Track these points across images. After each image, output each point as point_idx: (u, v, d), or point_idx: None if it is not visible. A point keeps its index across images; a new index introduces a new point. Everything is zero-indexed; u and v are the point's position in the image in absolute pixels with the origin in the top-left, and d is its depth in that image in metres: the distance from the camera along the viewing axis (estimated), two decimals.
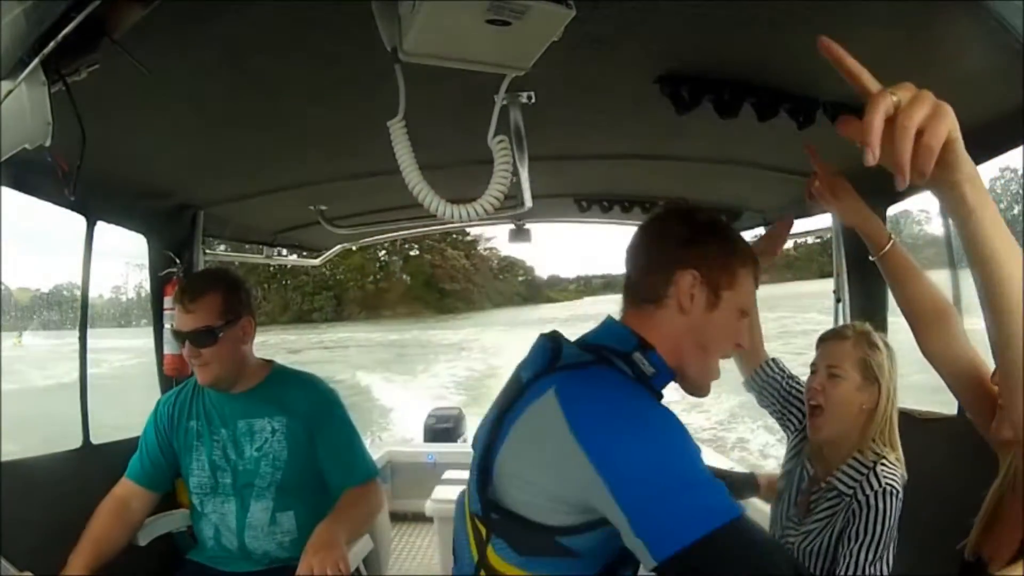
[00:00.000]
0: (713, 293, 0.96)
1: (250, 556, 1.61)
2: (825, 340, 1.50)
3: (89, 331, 1.87)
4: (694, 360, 0.97)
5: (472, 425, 5.52)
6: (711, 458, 3.50)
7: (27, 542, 1.33)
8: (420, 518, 2.84)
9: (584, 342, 0.98)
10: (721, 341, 0.98)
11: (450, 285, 59.90)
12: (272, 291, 55.63)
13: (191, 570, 1.64)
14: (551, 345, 0.96)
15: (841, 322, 2.24)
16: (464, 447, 4.66)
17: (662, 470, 0.79)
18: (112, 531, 1.56)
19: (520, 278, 74.02)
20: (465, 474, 1.06)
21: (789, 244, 2.07)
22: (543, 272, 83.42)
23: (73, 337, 1.87)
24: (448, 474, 3.07)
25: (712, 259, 0.97)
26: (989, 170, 1.54)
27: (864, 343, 1.44)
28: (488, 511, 0.91)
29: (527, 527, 0.86)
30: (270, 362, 1.74)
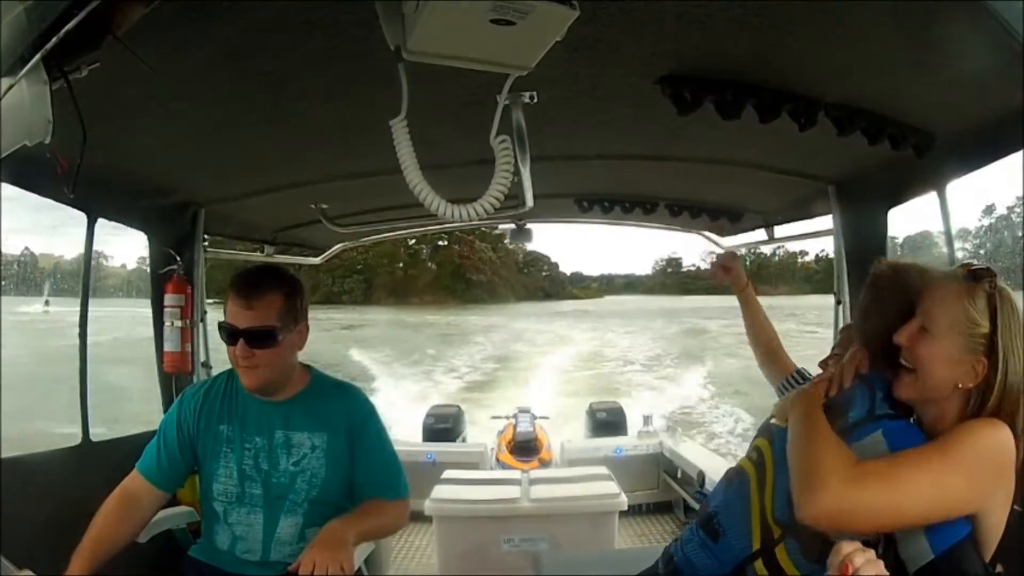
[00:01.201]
0: None
1: (269, 565, 1.56)
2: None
3: (117, 300, 1.84)
4: None
5: (472, 425, 5.54)
6: None
7: (26, 540, 1.33)
8: (420, 518, 2.83)
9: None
10: None
11: (476, 276, 61.33)
12: (302, 272, 57.01)
13: (193, 567, 1.63)
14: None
15: (841, 324, 2.24)
16: (464, 446, 4.66)
17: None
18: (118, 530, 1.49)
19: (544, 273, 74.96)
20: (465, 474, 1.07)
21: (810, 257, 2.12)
22: (567, 268, 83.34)
23: (100, 306, 1.77)
24: (448, 474, 3.07)
25: None
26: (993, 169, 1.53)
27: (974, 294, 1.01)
28: (793, 522, 1.03)
29: (827, 542, 0.95)
30: (309, 368, 1.65)
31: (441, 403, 5.97)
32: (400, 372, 14.75)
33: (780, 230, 2.86)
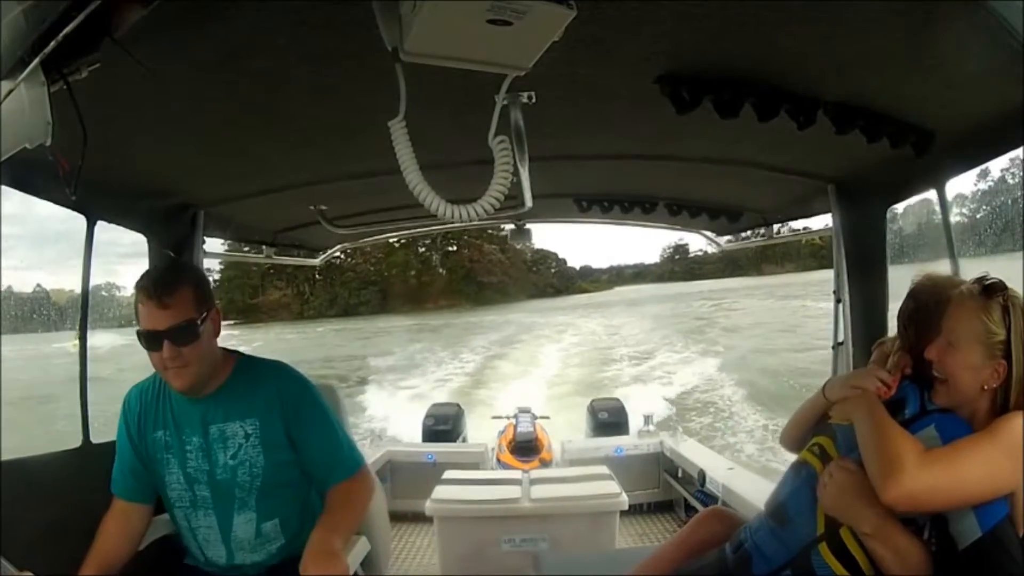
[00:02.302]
0: None
1: (240, 569, 1.56)
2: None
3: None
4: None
5: (472, 424, 5.54)
6: None
7: (27, 541, 1.33)
8: (420, 518, 2.83)
9: None
10: None
11: (487, 278, 63.65)
12: (318, 287, 60.05)
13: (190, 573, 1.63)
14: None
15: (842, 324, 2.24)
16: (464, 446, 4.65)
17: None
18: (117, 547, 1.50)
19: (552, 270, 76.56)
20: (466, 474, 1.07)
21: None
22: (575, 263, 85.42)
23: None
24: (448, 474, 3.07)
25: None
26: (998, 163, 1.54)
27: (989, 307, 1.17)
28: None
29: None
30: (233, 353, 1.59)
31: (440, 401, 5.95)
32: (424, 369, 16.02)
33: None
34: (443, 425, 4.94)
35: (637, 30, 1.15)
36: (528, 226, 3.22)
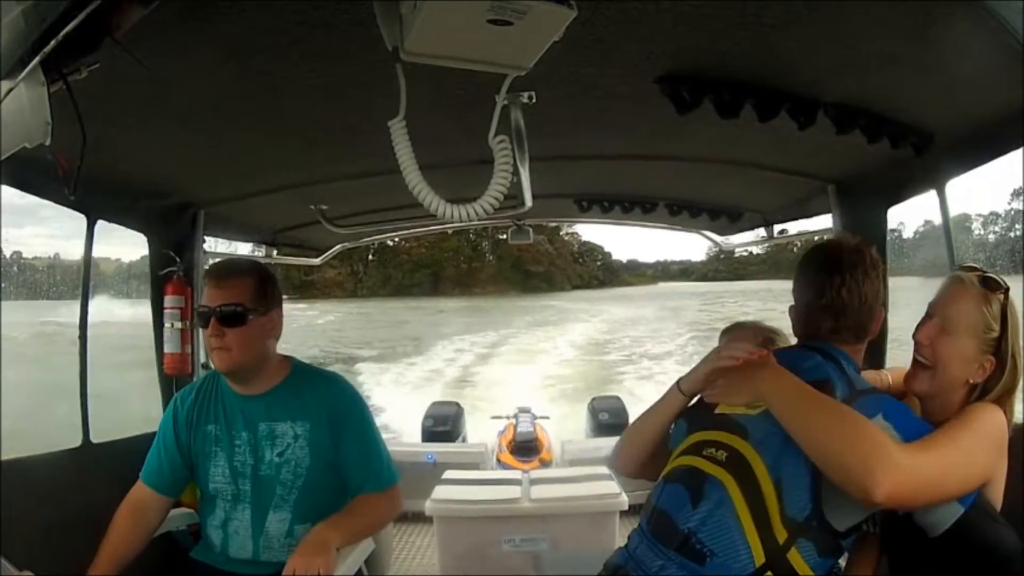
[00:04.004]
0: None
1: (258, 563, 1.56)
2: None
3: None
4: None
5: (472, 422, 5.54)
6: None
7: (27, 541, 1.33)
8: (420, 518, 2.83)
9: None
10: None
11: (535, 267, 66.09)
12: (371, 267, 64.42)
13: (194, 569, 1.63)
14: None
15: None
16: (464, 447, 4.65)
17: None
18: (131, 540, 1.51)
19: (598, 262, 78.05)
20: (465, 474, 1.07)
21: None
22: (622, 256, 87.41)
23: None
24: (448, 474, 3.07)
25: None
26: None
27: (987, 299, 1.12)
28: (813, 518, 1.05)
29: (836, 535, 1.07)
30: (289, 359, 1.66)
31: (440, 400, 5.95)
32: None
33: (779, 229, 2.87)
34: (443, 426, 4.93)
35: (638, 30, 1.15)
36: (528, 226, 3.22)
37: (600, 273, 75.69)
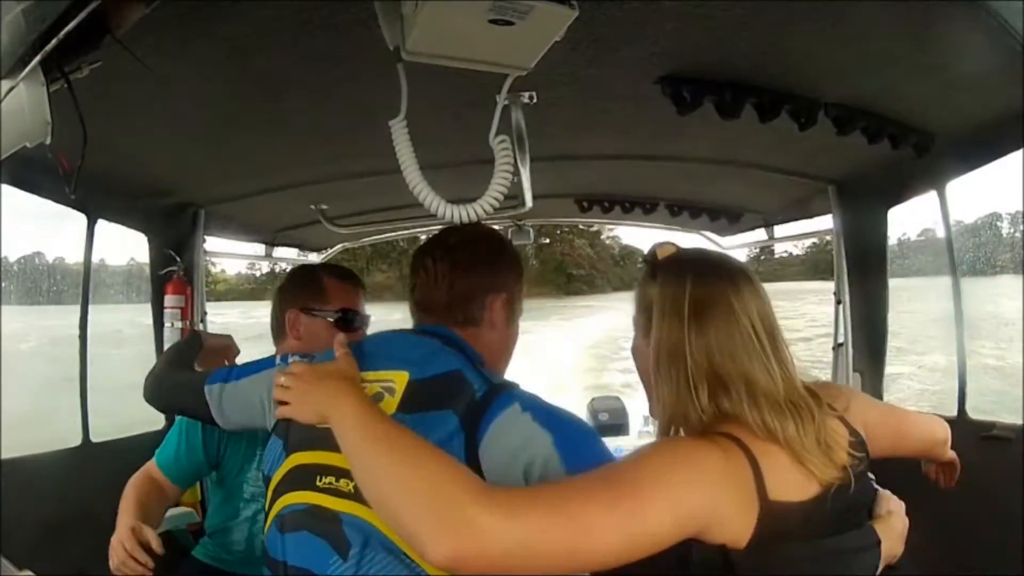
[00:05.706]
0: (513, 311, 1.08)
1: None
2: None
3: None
4: (504, 370, 1.08)
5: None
6: None
7: (27, 540, 1.33)
8: None
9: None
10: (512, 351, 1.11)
11: (576, 271, 66.63)
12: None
13: (196, 568, 1.63)
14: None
15: (842, 325, 2.24)
16: None
17: None
18: (152, 500, 1.45)
19: (639, 265, 78.73)
20: None
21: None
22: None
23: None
24: None
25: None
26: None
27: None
28: None
29: None
30: None
31: None
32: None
33: (780, 230, 2.86)
34: None
35: (638, 30, 1.14)
36: (528, 226, 3.21)
37: (641, 276, 78.49)
